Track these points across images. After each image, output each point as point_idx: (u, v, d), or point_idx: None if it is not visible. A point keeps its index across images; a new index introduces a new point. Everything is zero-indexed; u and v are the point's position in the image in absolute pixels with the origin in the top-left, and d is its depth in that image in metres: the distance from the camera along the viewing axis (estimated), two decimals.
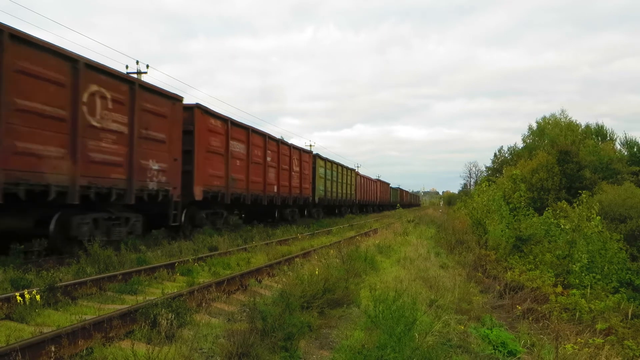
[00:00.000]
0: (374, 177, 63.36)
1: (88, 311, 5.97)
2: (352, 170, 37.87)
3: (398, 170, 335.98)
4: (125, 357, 3.77)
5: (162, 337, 4.77)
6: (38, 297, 5.87)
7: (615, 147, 51.82)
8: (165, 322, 5.01)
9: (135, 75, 26.43)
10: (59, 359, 4.18)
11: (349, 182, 35.97)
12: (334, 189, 31.36)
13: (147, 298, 6.17)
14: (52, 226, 9.52)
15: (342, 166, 34.17)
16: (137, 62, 27.21)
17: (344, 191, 34.52)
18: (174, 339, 4.85)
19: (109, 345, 4.59)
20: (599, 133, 56.77)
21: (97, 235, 10.17)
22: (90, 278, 7.42)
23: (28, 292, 5.84)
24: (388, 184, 66.43)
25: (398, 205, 49.32)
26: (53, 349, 4.19)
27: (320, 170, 28.34)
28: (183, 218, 14.13)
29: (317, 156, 28.12)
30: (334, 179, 31.34)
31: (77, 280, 7.20)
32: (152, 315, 5.11)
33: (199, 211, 15.32)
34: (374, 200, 50.24)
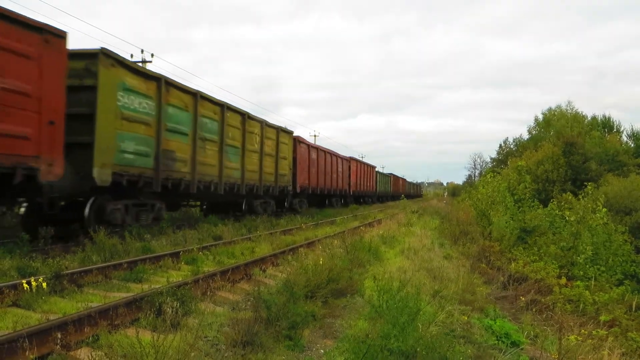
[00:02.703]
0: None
1: (94, 299, 6.01)
2: (284, 132, 21.15)
3: (402, 160, 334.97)
4: (131, 345, 3.79)
5: (167, 325, 4.80)
6: (44, 284, 5.91)
7: (621, 139, 51.59)
8: (170, 311, 5.04)
9: (139, 64, 26.41)
10: (65, 345, 4.22)
11: (271, 151, 19.53)
12: (212, 160, 14.76)
13: (152, 286, 6.21)
14: None
15: (252, 118, 17.55)
16: (142, 50, 27.19)
17: (258, 168, 18.15)
18: (179, 327, 4.88)
19: (115, 333, 4.62)
20: (606, 125, 56.47)
21: None
22: (95, 266, 7.46)
23: (35, 280, 5.87)
24: (373, 168, 46.87)
25: (402, 196, 45.58)
26: (59, 335, 4.23)
27: (128, 101, 10.97)
28: None
29: (108, 58, 10.39)
30: (209, 136, 14.54)
31: (83, 268, 7.24)
32: (157, 304, 5.14)
33: None
34: (341, 188, 32.15)
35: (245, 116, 16.97)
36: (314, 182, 25.89)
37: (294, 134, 23.13)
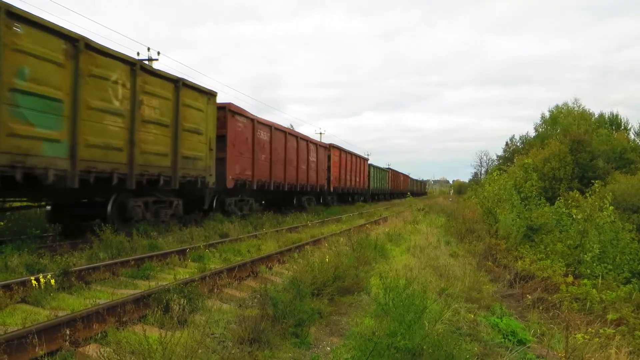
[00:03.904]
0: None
1: (102, 296, 6.05)
2: (196, 90, 13.61)
3: (407, 158, 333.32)
4: (139, 342, 3.81)
5: (174, 322, 4.82)
6: (53, 281, 5.96)
7: (629, 137, 51.30)
8: (177, 308, 5.07)
9: (145, 61, 26.49)
10: (74, 342, 4.25)
11: (161, 118, 12.06)
12: None
13: (160, 283, 6.24)
14: None
15: (104, 53, 10.19)
16: (149, 48, 27.22)
17: (125, 143, 10.81)
18: (186, 324, 4.90)
19: (123, 329, 4.65)
20: (613, 122, 56.21)
21: None
22: (103, 263, 7.51)
23: (43, 277, 5.92)
24: (365, 160, 38.69)
25: (408, 193, 44.03)
26: (68, 332, 4.26)
27: None
28: None
29: None
30: None
31: (90, 265, 7.29)
32: (164, 301, 5.17)
33: None
34: (314, 183, 24.53)
35: (79, 44, 9.49)
36: (264, 173, 18.13)
37: (225, 102, 15.36)
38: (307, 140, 24.02)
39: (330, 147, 28.36)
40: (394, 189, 54.77)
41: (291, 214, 20.16)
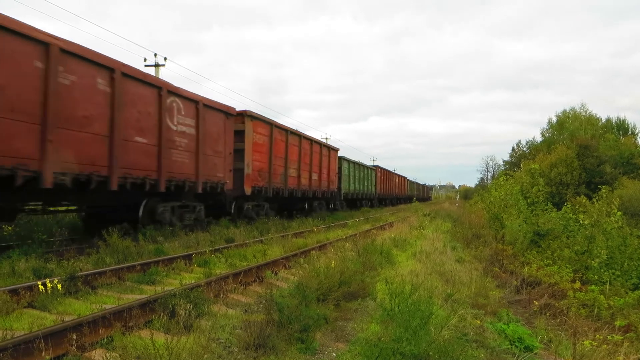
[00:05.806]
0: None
1: (108, 300, 6.07)
2: None
3: (413, 163, 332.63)
4: (145, 347, 3.82)
5: (180, 327, 4.83)
6: (59, 286, 5.98)
7: (636, 142, 51.04)
8: (183, 313, 5.07)
9: (153, 67, 26.64)
10: (80, 346, 4.26)
11: None
12: None
13: (166, 288, 6.25)
14: None
15: None
16: (155, 54, 27.35)
17: None
18: (192, 329, 4.91)
19: (129, 334, 4.66)
20: (620, 127, 56.00)
21: None
22: (109, 268, 7.53)
23: (50, 281, 5.95)
24: (333, 150, 26.56)
25: (414, 199, 40.69)
26: (74, 336, 4.28)
27: None
28: None
29: None
30: None
31: (96, 270, 7.31)
32: (170, 306, 5.18)
33: None
34: (182, 179, 12.41)
35: None
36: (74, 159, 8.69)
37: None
38: (165, 89, 11.75)
39: (246, 117, 16.26)
40: (385, 193, 42.40)
41: (297, 218, 19.88)
